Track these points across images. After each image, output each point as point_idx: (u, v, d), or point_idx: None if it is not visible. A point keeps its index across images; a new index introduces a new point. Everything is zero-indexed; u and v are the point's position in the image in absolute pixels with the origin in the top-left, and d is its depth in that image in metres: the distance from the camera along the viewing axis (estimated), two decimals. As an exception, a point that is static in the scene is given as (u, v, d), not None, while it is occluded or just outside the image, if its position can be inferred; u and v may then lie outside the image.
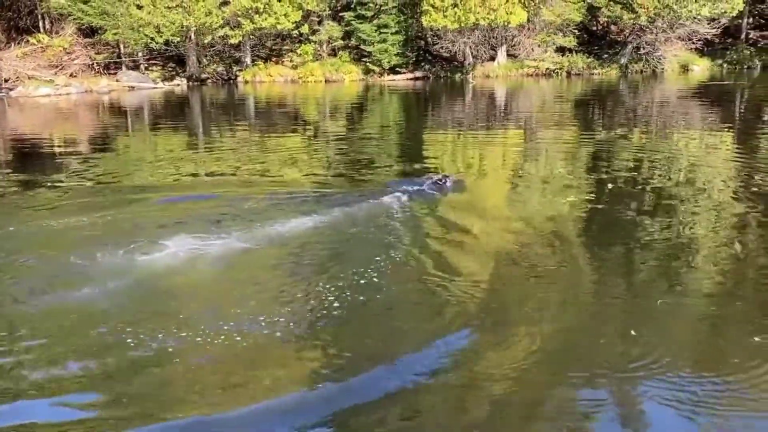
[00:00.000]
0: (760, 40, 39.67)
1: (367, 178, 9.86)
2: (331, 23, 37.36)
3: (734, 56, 37.60)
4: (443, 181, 8.81)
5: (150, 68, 37.11)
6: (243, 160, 11.88)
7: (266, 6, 33.98)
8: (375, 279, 5.27)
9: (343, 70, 37.16)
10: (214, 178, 10.28)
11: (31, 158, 13.47)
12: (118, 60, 36.25)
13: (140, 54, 36.15)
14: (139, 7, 33.49)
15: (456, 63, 37.34)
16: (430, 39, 36.81)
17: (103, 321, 4.67)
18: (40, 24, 37.01)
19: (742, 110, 19.65)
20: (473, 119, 18.60)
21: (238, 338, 4.32)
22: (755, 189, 8.26)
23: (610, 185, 8.65)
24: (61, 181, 10.17)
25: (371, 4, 35.45)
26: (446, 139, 14.65)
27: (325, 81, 36.63)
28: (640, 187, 8.60)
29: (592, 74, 36.03)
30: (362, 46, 36.47)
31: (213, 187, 9.50)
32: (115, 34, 33.86)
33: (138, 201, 8.72)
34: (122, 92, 32.45)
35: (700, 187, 8.55)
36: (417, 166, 10.92)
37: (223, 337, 4.33)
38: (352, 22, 36.12)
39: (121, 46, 35.80)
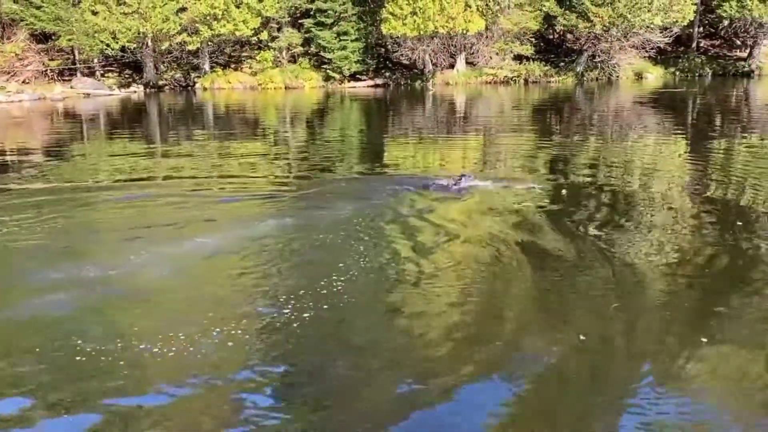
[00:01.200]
0: (710, 48, 40.81)
1: (331, 182, 9.83)
2: (291, 30, 37.27)
3: (686, 64, 38.66)
4: (458, 181, 8.74)
5: (106, 75, 36.54)
6: (201, 167, 11.73)
7: (224, 12, 33.76)
8: (338, 288, 5.21)
9: (303, 77, 37.11)
10: (171, 183, 10.11)
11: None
12: (72, 66, 35.57)
13: (96, 60, 35.55)
14: (94, 13, 32.96)
15: (416, 70, 37.58)
16: (390, 46, 36.98)
17: (52, 331, 4.56)
18: (-9, 29, 36.16)
19: (695, 117, 20.16)
20: (435, 126, 18.72)
21: (191, 349, 4.24)
22: (707, 191, 8.47)
23: (566, 190, 8.76)
24: (11, 188, 9.89)
25: (331, 12, 35.50)
26: (408, 145, 14.70)
27: (285, 88, 36.53)
28: (598, 191, 8.72)
29: (549, 82, 36.65)
30: (322, 53, 36.47)
31: (171, 192, 9.33)
32: (69, 40, 33.26)
33: (92, 207, 8.55)
34: (77, 99, 31.86)
35: (653, 190, 8.72)
36: (382, 170, 10.93)
37: (174, 350, 4.24)
38: (312, 29, 36.10)
39: (76, 53, 35.13)
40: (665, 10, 34.25)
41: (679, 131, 16.21)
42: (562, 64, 37.90)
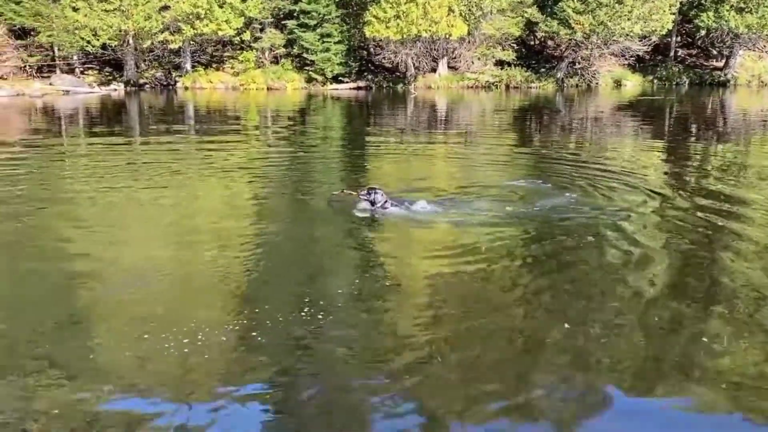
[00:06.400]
0: (687, 57, 41.50)
1: (313, 189, 9.90)
2: (274, 31, 37.19)
3: (664, 73, 39.28)
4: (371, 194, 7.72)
5: (85, 72, 36.13)
6: (181, 173, 11.70)
7: (207, 12, 33.59)
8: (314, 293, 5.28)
9: (285, 78, 37.02)
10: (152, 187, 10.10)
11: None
12: (52, 63, 35.15)
13: (75, 57, 35.15)
14: (75, 9, 32.56)
15: (398, 73, 37.73)
16: (372, 49, 37.09)
17: None
18: (-32, 24, 35.60)
19: (672, 124, 20.52)
20: (417, 129, 18.85)
21: (159, 354, 4.28)
22: (682, 195, 8.66)
23: (546, 196, 8.87)
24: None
25: (314, 13, 35.48)
26: (390, 150, 14.80)
27: (267, 89, 36.43)
28: (577, 195, 8.84)
29: (530, 87, 37.00)
30: (305, 55, 36.43)
31: (155, 198, 9.33)
32: (49, 36, 32.84)
33: (63, 208, 8.54)
34: (56, 96, 31.46)
35: (629, 195, 8.85)
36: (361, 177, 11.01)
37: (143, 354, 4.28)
38: (295, 31, 36.04)
39: (56, 49, 34.69)
40: (644, 19, 34.78)
41: (657, 138, 16.51)
42: (542, 70, 38.32)
